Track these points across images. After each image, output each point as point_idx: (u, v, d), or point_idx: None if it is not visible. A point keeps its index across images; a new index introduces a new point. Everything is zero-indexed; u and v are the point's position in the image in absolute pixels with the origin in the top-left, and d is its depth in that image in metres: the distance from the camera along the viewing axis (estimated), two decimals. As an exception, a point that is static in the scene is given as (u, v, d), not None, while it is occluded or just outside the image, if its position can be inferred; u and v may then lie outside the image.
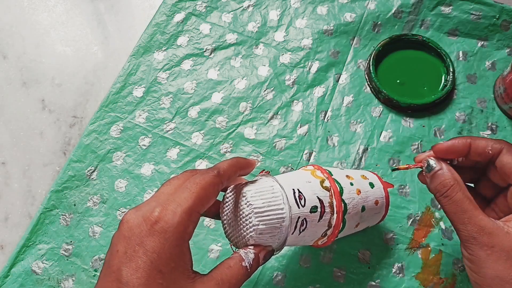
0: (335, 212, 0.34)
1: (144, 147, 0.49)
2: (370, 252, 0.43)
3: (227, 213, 0.33)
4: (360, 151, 0.48)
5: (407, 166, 0.36)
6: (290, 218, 0.32)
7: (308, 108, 0.50)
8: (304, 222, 0.33)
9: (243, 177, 0.35)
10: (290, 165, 0.47)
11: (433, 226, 0.44)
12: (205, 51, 0.53)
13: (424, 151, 0.34)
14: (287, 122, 0.49)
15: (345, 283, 0.42)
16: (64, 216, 0.46)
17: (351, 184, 0.37)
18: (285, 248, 0.44)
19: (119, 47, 0.56)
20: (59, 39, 0.56)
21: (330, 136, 0.48)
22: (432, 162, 0.33)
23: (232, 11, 0.55)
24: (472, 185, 0.37)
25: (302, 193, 0.33)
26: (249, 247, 0.31)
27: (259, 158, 0.48)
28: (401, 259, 0.43)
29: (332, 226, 0.35)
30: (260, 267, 0.43)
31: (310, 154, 0.48)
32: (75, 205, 0.46)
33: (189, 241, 0.29)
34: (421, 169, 0.34)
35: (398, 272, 0.43)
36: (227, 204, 0.33)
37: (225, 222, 0.33)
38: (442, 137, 0.48)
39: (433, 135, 0.48)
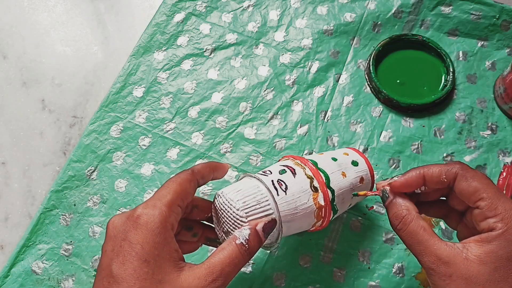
0: (320, 191, 0.35)
1: (144, 147, 0.49)
2: (370, 252, 0.43)
3: (215, 219, 0.34)
4: (360, 151, 0.48)
5: (365, 193, 0.37)
6: (274, 203, 0.33)
7: (308, 108, 0.50)
8: (283, 183, 0.34)
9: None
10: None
11: (433, 226, 0.44)
12: (205, 51, 0.53)
13: (386, 178, 0.35)
14: (287, 122, 0.49)
15: (345, 283, 0.42)
16: (64, 216, 0.46)
17: (337, 169, 0.37)
18: (285, 248, 0.44)
19: (119, 47, 0.56)
20: (59, 39, 0.56)
21: (330, 136, 0.48)
22: (387, 192, 0.33)
23: (232, 11, 0.55)
24: (444, 198, 0.37)
25: (283, 181, 0.35)
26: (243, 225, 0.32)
27: (259, 158, 0.48)
28: (401, 259, 0.43)
29: (323, 208, 0.36)
30: (260, 268, 0.43)
31: (310, 154, 0.48)
32: (75, 205, 0.46)
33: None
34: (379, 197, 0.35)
35: (398, 272, 0.43)
36: (214, 210, 0.35)
37: (217, 228, 0.35)
38: (442, 137, 0.48)
39: (433, 135, 0.48)
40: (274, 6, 0.55)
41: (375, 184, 0.38)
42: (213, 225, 0.36)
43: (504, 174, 0.46)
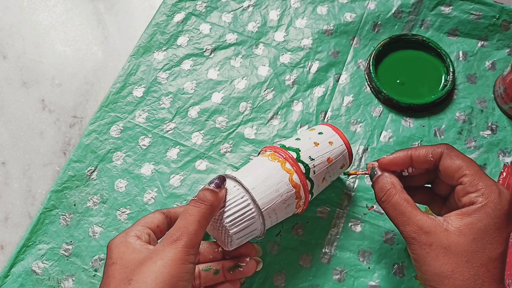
0: (294, 172, 0.38)
1: (144, 147, 0.49)
2: (370, 252, 0.43)
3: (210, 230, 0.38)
4: (360, 151, 0.48)
5: (356, 171, 0.40)
6: (259, 212, 0.36)
7: (308, 108, 0.50)
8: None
9: None
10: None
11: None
12: (205, 51, 0.53)
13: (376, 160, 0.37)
14: (287, 122, 0.49)
15: (345, 283, 0.42)
16: (64, 216, 0.46)
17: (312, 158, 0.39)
18: (285, 249, 0.44)
19: (119, 47, 0.56)
20: (59, 39, 0.56)
21: (330, 136, 0.48)
22: (375, 169, 0.36)
23: (232, 11, 0.55)
24: (429, 186, 0.38)
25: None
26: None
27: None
28: (401, 259, 0.43)
29: (299, 185, 0.38)
30: (260, 267, 0.43)
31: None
32: (75, 205, 0.46)
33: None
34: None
35: (398, 272, 0.43)
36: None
37: (210, 232, 0.39)
38: (442, 137, 0.48)
39: (433, 135, 0.48)
40: (274, 6, 0.55)
41: (359, 163, 0.41)
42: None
43: (504, 174, 0.46)
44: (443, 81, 0.50)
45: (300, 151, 0.39)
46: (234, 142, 0.49)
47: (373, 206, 0.45)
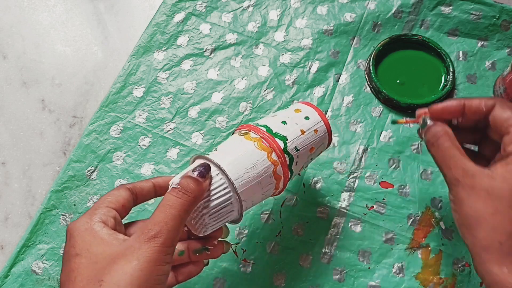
0: (279, 164, 0.35)
1: (144, 147, 0.49)
2: (370, 252, 0.43)
3: None
4: (360, 151, 0.48)
5: (405, 120, 0.40)
6: (238, 203, 0.33)
7: (308, 108, 0.50)
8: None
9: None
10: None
11: (433, 226, 0.44)
12: (205, 51, 0.53)
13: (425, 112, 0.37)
14: (287, 122, 0.49)
15: (345, 283, 0.42)
16: (64, 216, 0.46)
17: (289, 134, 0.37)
18: (285, 249, 0.44)
19: (119, 47, 0.56)
20: (59, 39, 0.56)
21: (330, 136, 0.48)
22: (428, 119, 0.36)
23: (232, 11, 0.55)
24: (475, 146, 0.39)
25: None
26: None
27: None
28: (401, 259, 0.43)
29: (281, 176, 0.36)
30: (260, 268, 0.43)
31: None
32: (75, 205, 0.46)
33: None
34: (418, 125, 0.37)
35: (398, 272, 0.43)
36: None
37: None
38: (442, 137, 0.48)
39: (433, 135, 0.48)
40: (274, 6, 0.55)
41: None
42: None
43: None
44: (443, 81, 0.50)
45: (287, 140, 0.36)
46: (234, 142, 0.49)
47: (373, 206, 0.45)
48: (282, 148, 0.36)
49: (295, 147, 0.37)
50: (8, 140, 0.51)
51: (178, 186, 0.30)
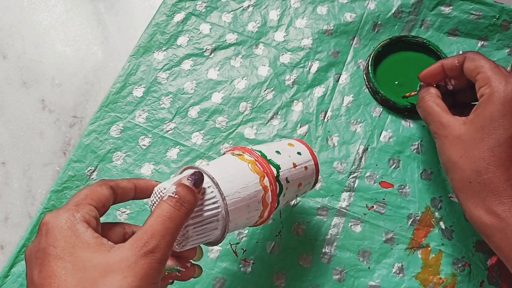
0: (269, 191, 0.34)
1: (144, 147, 0.49)
2: (370, 252, 0.43)
3: None
4: (360, 151, 0.48)
5: (410, 94, 0.46)
6: (224, 224, 0.31)
7: (308, 108, 0.50)
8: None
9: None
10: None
11: (433, 226, 0.44)
12: (205, 51, 0.53)
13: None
14: (287, 122, 0.49)
15: (345, 283, 0.42)
16: (64, 216, 0.46)
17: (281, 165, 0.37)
18: (285, 249, 0.44)
19: (119, 47, 0.56)
20: (59, 39, 0.56)
21: (330, 136, 0.48)
22: (420, 84, 0.43)
23: (232, 11, 0.55)
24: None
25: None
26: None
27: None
28: (401, 259, 0.43)
29: (268, 205, 0.34)
30: (260, 268, 0.43)
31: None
32: (75, 205, 0.46)
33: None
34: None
35: (398, 272, 0.43)
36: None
37: None
38: (442, 137, 0.48)
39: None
40: (274, 6, 0.55)
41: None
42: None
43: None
44: (443, 81, 0.50)
45: (280, 169, 0.36)
46: (234, 142, 0.49)
47: (373, 206, 0.45)
48: (275, 175, 0.35)
49: (286, 178, 0.36)
50: (8, 140, 0.51)
51: (176, 196, 0.28)
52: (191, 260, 0.33)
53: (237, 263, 0.43)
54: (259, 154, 0.36)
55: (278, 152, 0.37)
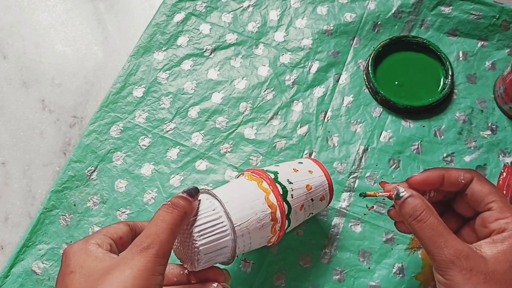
0: (271, 192, 0.36)
1: (144, 147, 0.49)
2: (370, 252, 0.43)
3: (176, 246, 0.35)
4: (360, 151, 0.48)
5: (375, 193, 0.37)
6: (231, 227, 0.33)
7: (308, 108, 0.50)
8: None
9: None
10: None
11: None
12: (205, 51, 0.53)
13: (394, 182, 0.36)
14: (287, 122, 0.49)
15: (345, 283, 0.42)
16: (64, 216, 0.46)
17: (291, 182, 0.38)
18: (285, 249, 0.44)
19: (119, 47, 0.56)
20: (59, 39, 0.56)
21: (330, 136, 0.48)
22: (401, 189, 0.33)
23: (232, 11, 0.55)
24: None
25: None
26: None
27: (259, 158, 0.48)
28: (401, 259, 0.43)
29: (276, 207, 0.36)
30: (260, 268, 0.43)
31: (310, 154, 0.48)
32: (75, 205, 0.46)
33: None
34: (388, 198, 0.35)
35: (398, 272, 0.43)
36: None
37: (174, 247, 0.35)
38: (442, 137, 0.48)
39: (433, 135, 0.48)
40: (274, 6, 0.55)
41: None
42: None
43: (504, 174, 0.46)
44: (441, 84, 0.50)
45: (278, 173, 0.37)
46: (234, 142, 0.49)
47: (373, 206, 0.45)
48: (273, 178, 0.37)
49: (288, 179, 0.38)
50: (8, 140, 0.51)
51: (169, 203, 0.31)
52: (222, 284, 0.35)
53: (237, 263, 0.43)
54: (258, 169, 0.38)
55: (276, 165, 0.39)
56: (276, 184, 0.36)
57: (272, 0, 0.55)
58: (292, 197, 0.37)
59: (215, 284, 0.34)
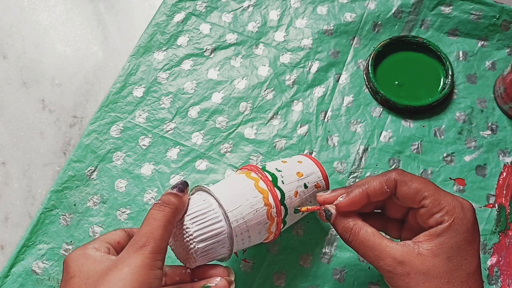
0: (273, 206, 0.36)
1: (144, 147, 0.49)
2: (370, 252, 0.43)
3: (171, 242, 0.35)
4: (360, 151, 0.48)
5: (307, 208, 0.37)
6: (229, 229, 0.34)
7: (308, 108, 0.50)
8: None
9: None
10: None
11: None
12: (205, 51, 0.53)
13: (333, 189, 0.36)
14: (287, 122, 0.49)
15: (345, 283, 0.42)
16: (64, 216, 0.46)
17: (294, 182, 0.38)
18: (285, 249, 0.44)
19: (119, 47, 0.56)
20: (59, 39, 0.56)
21: (330, 136, 0.48)
22: (329, 208, 0.34)
23: (232, 11, 0.55)
24: (379, 211, 0.37)
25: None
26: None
27: (259, 158, 0.48)
28: (401, 259, 0.43)
29: (268, 193, 0.36)
30: (260, 268, 0.43)
31: (310, 154, 0.48)
32: (75, 205, 0.46)
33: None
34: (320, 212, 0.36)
35: (398, 272, 0.43)
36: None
37: (172, 248, 0.36)
38: (442, 137, 0.48)
39: (433, 135, 0.48)
40: (274, 6, 0.55)
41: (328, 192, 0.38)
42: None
43: (504, 174, 0.46)
44: (441, 83, 0.50)
45: (266, 166, 0.39)
46: (234, 142, 0.49)
47: None
48: (261, 167, 0.38)
49: (276, 168, 0.38)
50: (8, 140, 0.51)
51: (159, 201, 0.32)
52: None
53: (237, 263, 0.43)
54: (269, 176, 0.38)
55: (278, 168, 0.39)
56: (264, 172, 0.37)
57: (272, 0, 0.55)
58: (283, 183, 0.37)
59: (218, 278, 0.34)
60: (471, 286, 0.30)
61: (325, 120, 0.49)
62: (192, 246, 0.33)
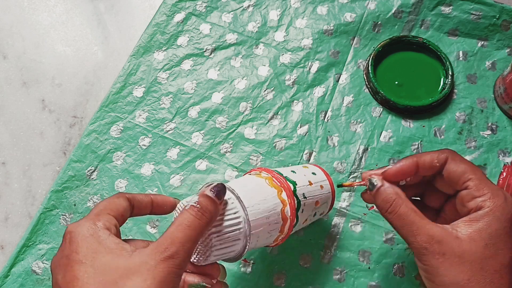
0: (287, 204, 0.35)
1: (144, 147, 0.49)
2: (370, 252, 0.43)
3: None
4: (360, 151, 0.48)
5: (351, 183, 0.38)
6: (247, 226, 0.33)
7: (308, 108, 0.50)
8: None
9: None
10: (290, 165, 0.47)
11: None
12: (205, 51, 0.53)
13: (381, 168, 0.35)
14: (287, 122, 0.49)
15: (345, 283, 0.42)
16: (64, 216, 0.46)
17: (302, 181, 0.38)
18: (285, 249, 0.44)
19: (119, 47, 0.56)
20: (59, 39, 0.56)
21: (330, 136, 0.48)
22: (374, 180, 0.34)
23: (232, 11, 0.55)
24: (418, 198, 0.37)
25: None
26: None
27: (259, 158, 0.48)
28: (401, 259, 0.43)
29: (288, 218, 0.35)
30: (260, 268, 0.43)
31: (310, 154, 0.48)
32: (75, 205, 0.46)
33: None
34: (365, 187, 0.35)
35: (398, 272, 0.43)
36: None
37: None
38: (442, 137, 0.48)
39: (433, 135, 0.48)
40: (274, 6, 0.55)
41: (358, 182, 0.38)
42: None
43: (504, 174, 0.46)
44: (441, 83, 0.50)
45: (296, 184, 0.37)
46: (234, 142, 0.49)
47: (373, 206, 0.45)
48: (292, 190, 0.36)
49: (303, 193, 0.37)
50: (8, 140, 0.51)
51: (198, 206, 0.29)
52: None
53: (237, 263, 0.43)
54: (276, 172, 0.37)
55: (293, 171, 0.39)
56: (294, 197, 0.36)
57: (272, 0, 0.55)
58: (302, 211, 0.37)
59: (214, 281, 0.33)
60: (504, 277, 0.30)
61: (325, 120, 0.49)
62: (207, 256, 0.32)
